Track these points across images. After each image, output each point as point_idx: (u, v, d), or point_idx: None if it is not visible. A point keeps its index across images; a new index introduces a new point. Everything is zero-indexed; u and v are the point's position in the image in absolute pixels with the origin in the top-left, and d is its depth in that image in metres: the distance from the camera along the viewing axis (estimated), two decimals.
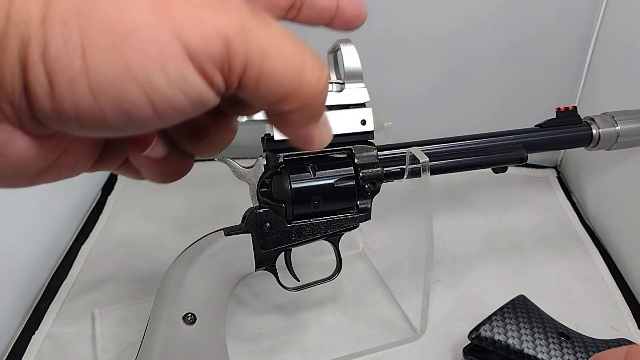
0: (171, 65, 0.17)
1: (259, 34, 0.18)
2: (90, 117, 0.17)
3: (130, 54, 0.16)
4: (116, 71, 0.16)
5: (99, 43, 0.16)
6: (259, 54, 0.18)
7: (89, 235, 0.66)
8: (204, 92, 0.18)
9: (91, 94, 0.17)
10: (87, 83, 0.16)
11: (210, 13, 0.17)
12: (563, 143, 0.54)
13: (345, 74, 0.43)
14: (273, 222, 0.44)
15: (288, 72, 0.19)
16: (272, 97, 0.19)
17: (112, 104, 0.17)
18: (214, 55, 0.17)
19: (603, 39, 0.68)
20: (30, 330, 0.53)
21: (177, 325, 0.41)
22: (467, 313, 0.54)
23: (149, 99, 0.17)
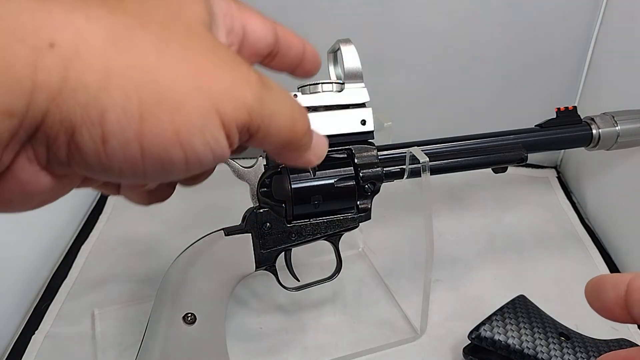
0: (209, 131, 0.20)
1: (269, 101, 0.22)
2: (131, 171, 0.20)
3: (179, 122, 0.20)
4: (166, 136, 0.20)
5: (154, 112, 0.19)
6: (268, 118, 0.22)
7: (89, 235, 0.66)
8: (225, 150, 0.22)
9: (141, 154, 0.20)
10: (139, 145, 0.19)
11: (240, 89, 0.21)
12: (563, 143, 0.54)
13: (345, 74, 0.43)
14: (273, 222, 0.44)
15: (286, 126, 0.24)
16: (273, 146, 0.24)
17: (156, 162, 0.20)
18: (239, 123, 0.21)
19: (603, 39, 0.68)
20: (30, 330, 0.53)
21: (177, 325, 0.41)
22: (467, 313, 0.54)
23: (186, 157, 0.20)
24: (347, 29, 0.55)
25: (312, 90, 0.43)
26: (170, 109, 0.19)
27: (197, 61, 0.20)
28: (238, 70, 0.21)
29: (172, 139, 0.20)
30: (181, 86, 0.20)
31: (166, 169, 0.21)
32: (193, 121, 0.20)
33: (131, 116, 0.19)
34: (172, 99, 0.19)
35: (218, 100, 0.20)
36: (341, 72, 0.44)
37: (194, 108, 0.20)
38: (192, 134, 0.20)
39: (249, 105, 0.21)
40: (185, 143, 0.20)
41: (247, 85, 0.21)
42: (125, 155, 0.19)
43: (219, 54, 0.21)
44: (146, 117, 0.19)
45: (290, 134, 0.24)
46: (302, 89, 0.43)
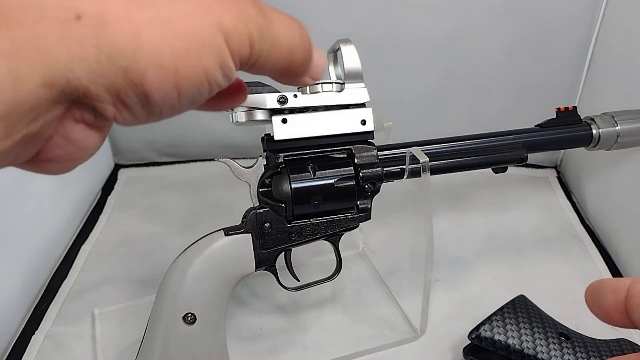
0: (225, 63, 0.22)
1: (268, 33, 0.24)
2: (170, 111, 0.22)
3: (205, 61, 0.21)
4: (197, 77, 0.21)
5: (185, 59, 0.21)
6: (267, 49, 0.24)
7: (89, 235, 0.66)
8: (234, 74, 0.23)
9: (178, 98, 0.21)
10: (177, 91, 0.21)
11: (244, 23, 0.22)
12: (563, 143, 0.54)
13: (345, 74, 0.43)
14: (273, 222, 0.44)
15: (283, 56, 0.25)
16: (271, 73, 0.26)
17: (190, 98, 0.22)
18: (242, 55, 0.23)
19: (603, 39, 0.68)
20: (30, 330, 0.53)
21: (177, 325, 0.41)
22: (467, 313, 0.54)
23: (210, 88, 0.22)
24: (347, 29, 0.55)
25: (312, 90, 0.43)
26: (197, 52, 0.21)
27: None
28: (240, 3, 0.23)
29: (202, 77, 0.21)
30: (199, 27, 0.21)
31: (196, 101, 0.23)
32: (215, 57, 0.21)
33: (167, 69, 0.20)
34: (195, 42, 0.21)
35: (228, 34, 0.22)
36: (341, 72, 0.44)
37: (213, 45, 0.21)
38: (215, 69, 0.22)
39: (251, 38, 0.23)
40: (211, 77, 0.22)
41: (249, 19, 0.23)
42: (166, 101, 0.21)
43: None
44: (180, 67, 0.20)
45: (288, 62, 0.25)
46: (302, 89, 0.43)
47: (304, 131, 0.43)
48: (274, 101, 0.42)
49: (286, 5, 0.76)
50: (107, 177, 0.78)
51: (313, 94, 0.43)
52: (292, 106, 0.42)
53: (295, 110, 0.43)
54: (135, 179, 0.78)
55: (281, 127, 0.43)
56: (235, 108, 0.42)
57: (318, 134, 0.43)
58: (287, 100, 0.42)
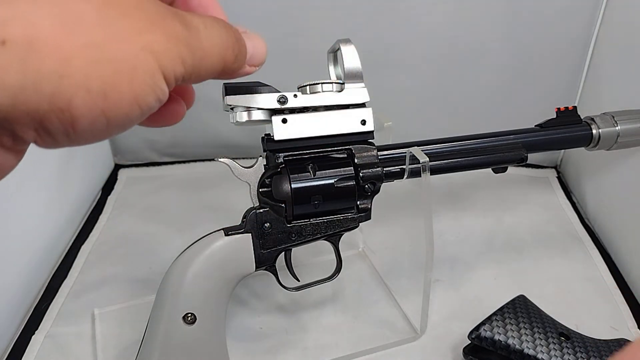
0: (157, 86, 0.22)
1: (197, 47, 0.24)
2: (97, 138, 0.22)
3: (136, 86, 0.21)
4: (127, 102, 0.21)
5: (115, 84, 0.20)
6: (199, 61, 0.24)
7: (89, 235, 0.66)
8: (167, 95, 0.23)
9: (107, 125, 0.21)
10: (105, 119, 0.21)
11: (173, 43, 0.22)
12: (563, 143, 0.54)
13: (345, 74, 0.43)
14: (273, 222, 0.44)
15: (215, 63, 0.25)
16: (208, 78, 0.26)
17: (119, 125, 0.21)
18: (177, 75, 0.23)
19: (603, 39, 0.68)
20: (30, 330, 0.53)
21: (177, 325, 0.41)
22: (467, 313, 0.54)
23: (142, 113, 0.22)
24: (347, 29, 0.55)
25: (312, 91, 0.43)
26: (128, 77, 0.21)
27: (134, 23, 0.21)
28: (167, 24, 0.22)
29: (132, 102, 0.21)
30: (130, 51, 0.21)
31: (126, 126, 0.22)
32: (147, 82, 0.21)
33: (96, 95, 0.20)
34: (126, 67, 0.20)
35: (159, 57, 0.22)
36: (341, 72, 0.44)
37: (144, 70, 0.21)
38: (146, 94, 0.21)
39: (182, 56, 0.23)
40: (142, 103, 0.21)
41: (177, 37, 0.23)
42: (93, 128, 0.21)
43: (149, 10, 0.22)
44: (109, 92, 0.20)
45: (222, 65, 0.26)
46: (302, 89, 0.43)
47: (304, 131, 0.43)
48: (274, 101, 0.42)
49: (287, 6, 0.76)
50: (107, 177, 0.78)
51: (313, 94, 0.43)
52: (292, 106, 0.42)
53: (295, 110, 0.43)
54: (135, 179, 0.78)
55: (281, 127, 0.43)
56: (235, 108, 0.42)
57: (318, 134, 0.43)
58: (287, 100, 0.42)
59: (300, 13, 0.67)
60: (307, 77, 0.44)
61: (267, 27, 0.68)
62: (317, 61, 0.50)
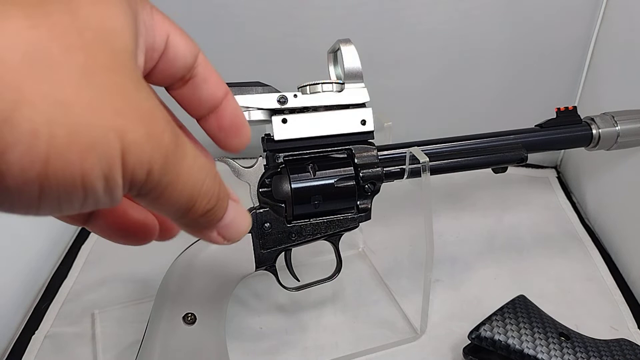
0: (112, 177, 0.18)
1: (172, 169, 0.20)
2: (23, 209, 0.18)
3: (88, 165, 0.17)
4: (71, 179, 0.17)
5: (63, 153, 0.17)
6: (163, 186, 0.20)
7: (89, 235, 0.66)
8: (120, 198, 0.20)
9: (39, 195, 0.17)
10: (39, 187, 0.17)
11: (149, 145, 0.19)
12: (563, 143, 0.54)
13: (345, 74, 0.43)
14: (273, 222, 0.44)
15: (180, 202, 0.21)
16: (170, 211, 0.22)
17: (53, 202, 0.18)
18: (135, 180, 0.19)
19: (603, 39, 0.68)
20: (30, 330, 0.53)
21: (177, 325, 0.41)
22: (467, 313, 0.54)
23: (85, 200, 0.18)
24: (347, 29, 0.55)
25: (312, 91, 0.43)
26: (81, 150, 0.17)
27: (116, 100, 0.18)
28: (155, 123, 0.20)
29: (77, 180, 0.18)
30: (97, 125, 0.18)
31: (62, 208, 0.19)
32: (102, 165, 0.18)
33: (37, 156, 0.16)
34: (85, 139, 0.17)
35: (127, 148, 0.18)
36: (341, 72, 0.44)
37: (104, 152, 0.18)
38: (97, 178, 0.18)
39: (152, 164, 0.19)
40: (89, 185, 0.18)
41: (158, 144, 0.19)
42: (21, 193, 0.17)
43: (140, 98, 0.19)
44: (53, 158, 0.17)
45: (186, 208, 0.22)
46: (302, 89, 0.43)
47: (304, 131, 0.43)
48: (274, 101, 0.42)
49: (287, 6, 0.76)
50: None
51: (313, 94, 0.43)
52: (292, 106, 0.42)
53: (295, 110, 0.43)
54: None
55: (281, 127, 0.43)
56: None
57: (318, 134, 0.43)
58: (287, 100, 0.42)
59: (300, 13, 0.67)
60: (307, 77, 0.44)
61: (267, 27, 0.68)
62: (317, 61, 0.50)
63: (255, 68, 0.70)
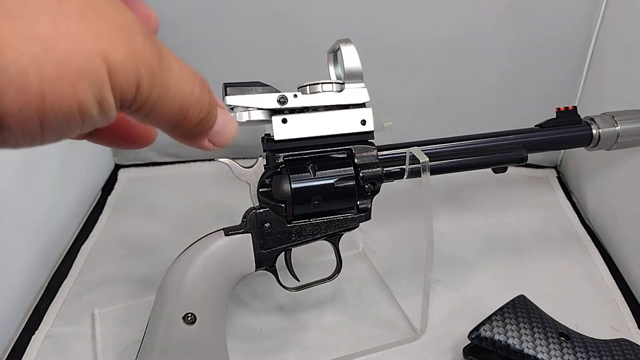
0: (104, 99, 0.19)
1: (160, 81, 0.21)
2: (28, 142, 0.19)
3: (80, 92, 0.18)
4: (67, 107, 0.18)
5: (55, 86, 0.18)
6: (155, 98, 0.21)
7: (89, 235, 0.66)
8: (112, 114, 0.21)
9: (40, 129, 0.18)
10: (39, 122, 0.18)
11: (134, 61, 0.20)
12: (563, 143, 0.54)
13: (345, 74, 0.43)
14: (273, 222, 0.44)
15: (173, 111, 0.22)
16: (158, 125, 0.23)
17: (55, 131, 0.19)
18: (125, 97, 0.20)
19: (603, 39, 0.68)
20: (30, 330, 0.53)
21: (177, 325, 0.41)
22: (467, 313, 0.54)
23: (82, 123, 0.19)
24: (347, 29, 0.55)
25: (312, 91, 0.43)
26: (71, 80, 0.18)
27: (94, 24, 0.19)
28: (134, 38, 0.20)
29: (73, 109, 0.18)
30: (80, 52, 0.18)
31: (64, 134, 0.20)
32: (92, 89, 0.19)
33: (31, 95, 0.17)
34: (72, 69, 0.18)
35: (114, 69, 0.19)
36: (341, 72, 0.44)
37: (92, 77, 0.19)
38: (91, 103, 0.19)
39: (139, 80, 0.20)
40: (84, 111, 0.19)
41: (142, 58, 0.20)
42: (24, 130, 0.18)
43: (114, 15, 0.20)
44: (47, 93, 0.18)
45: (179, 118, 0.23)
46: (302, 89, 0.43)
47: (304, 131, 0.43)
48: (274, 101, 0.42)
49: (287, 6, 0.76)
50: (107, 177, 0.78)
51: (313, 94, 0.43)
52: (292, 106, 0.42)
53: (295, 110, 0.43)
54: (135, 179, 0.78)
55: (281, 127, 0.43)
56: (235, 108, 0.42)
57: (318, 134, 0.43)
58: (287, 100, 0.42)
59: (300, 13, 0.67)
60: (307, 77, 0.44)
61: (267, 27, 0.68)
62: (317, 61, 0.50)
63: (255, 68, 0.70)
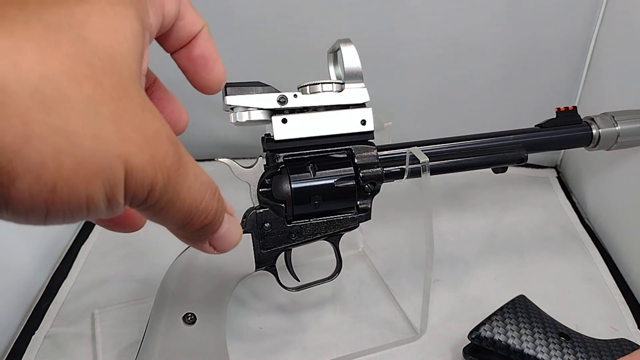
0: (114, 197, 0.19)
1: (173, 188, 0.21)
2: (31, 224, 0.19)
3: (93, 190, 0.19)
4: (76, 202, 0.18)
5: (70, 180, 0.18)
6: (164, 202, 0.22)
7: (89, 235, 0.66)
8: (121, 211, 0.21)
9: (45, 216, 0.19)
10: (46, 210, 0.18)
11: (153, 169, 0.20)
12: (563, 143, 0.54)
13: (345, 74, 0.43)
14: (273, 222, 0.44)
15: (179, 217, 0.23)
16: (167, 224, 0.23)
17: (59, 220, 0.19)
18: (138, 197, 0.20)
19: (603, 39, 0.68)
20: (30, 331, 0.53)
21: (177, 325, 0.41)
22: (467, 313, 0.54)
23: (88, 216, 0.20)
24: (347, 29, 0.55)
25: (312, 91, 0.43)
26: (87, 177, 0.18)
27: (123, 128, 0.19)
28: (159, 145, 0.20)
29: (82, 204, 0.19)
30: (104, 154, 0.18)
31: (67, 222, 0.20)
32: (105, 189, 0.19)
33: (44, 185, 0.18)
34: (91, 167, 0.18)
35: (131, 173, 0.19)
36: (341, 72, 0.44)
37: (108, 177, 0.19)
38: (100, 200, 0.19)
39: (154, 185, 0.20)
40: (92, 207, 0.19)
41: (162, 166, 0.21)
42: (29, 215, 0.19)
43: (146, 121, 0.20)
44: (60, 186, 0.18)
45: (183, 223, 0.23)
46: (302, 89, 0.43)
47: (304, 131, 0.43)
48: (274, 101, 0.42)
49: (287, 6, 0.76)
50: None
51: (313, 94, 0.43)
52: (292, 106, 0.42)
53: (295, 110, 0.43)
54: None
55: (281, 127, 0.43)
56: (235, 108, 0.42)
57: (318, 134, 0.43)
58: (287, 100, 0.42)
59: (300, 13, 0.67)
60: (307, 77, 0.44)
61: (267, 27, 0.68)
62: (317, 61, 0.50)
63: (255, 68, 0.70)
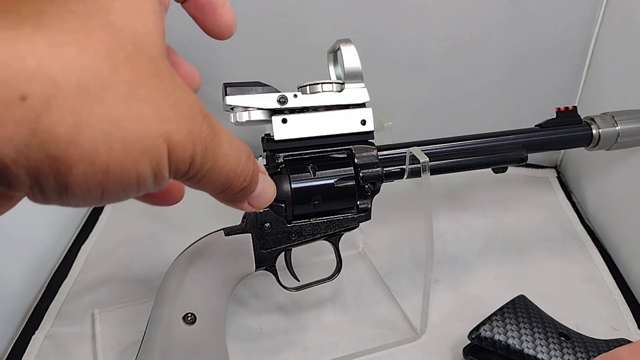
0: (160, 171, 0.21)
1: (211, 157, 0.23)
2: (88, 205, 0.21)
3: (142, 168, 0.20)
4: (128, 180, 0.20)
5: (121, 162, 0.20)
6: (204, 171, 0.24)
7: (89, 235, 0.66)
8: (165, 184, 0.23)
9: (101, 196, 0.20)
10: (101, 191, 0.20)
11: (191, 142, 0.22)
12: (563, 143, 0.54)
13: (345, 74, 0.43)
14: (273, 222, 0.44)
15: (219, 182, 0.25)
16: (210, 190, 0.26)
17: (113, 198, 0.21)
18: (180, 169, 0.23)
19: (603, 39, 0.68)
20: (30, 330, 0.53)
21: (177, 325, 0.41)
22: (467, 313, 0.54)
23: (138, 191, 0.22)
24: (347, 29, 0.55)
25: (312, 90, 0.43)
26: (135, 157, 0.20)
27: (162, 107, 0.21)
28: (194, 119, 0.22)
29: (133, 181, 0.21)
30: (148, 134, 0.20)
31: (120, 199, 0.22)
32: (152, 165, 0.21)
33: (98, 168, 0.19)
34: (138, 147, 0.20)
35: (173, 148, 0.21)
36: (341, 72, 0.44)
37: (154, 155, 0.21)
38: (149, 176, 0.21)
39: (194, 157, 0.22)
40: (142, 182, 0.21)
41: (198, 138, 0.22)
42: (87, 196, 0.20)
43: (179, 98, 0.22)
44: (112, 168, 0.20)
45: (224, 187, 0.26)
46: (302, 89, 0.43)
47: (304, 131, 0.43)
48: (274, 101, 0.42)
49: (287, 6, 0.76)
50: None
51: (313, 94, 0.43)
52: (292, 106, 0.42)
53: (295, 110, 0.43)
54: None
55: (281, 127, 0.43)
56: (235, 108, 0.42)
57: (318, 134, 0.44)
58: (287, 100, 0.42)
59: (300, 13, 0.67)
60: (307, 77, 0.44)
61: (267, 27, 0.68)
62: (317, 61, 0.50)
63: (255, 68, 0.70)
